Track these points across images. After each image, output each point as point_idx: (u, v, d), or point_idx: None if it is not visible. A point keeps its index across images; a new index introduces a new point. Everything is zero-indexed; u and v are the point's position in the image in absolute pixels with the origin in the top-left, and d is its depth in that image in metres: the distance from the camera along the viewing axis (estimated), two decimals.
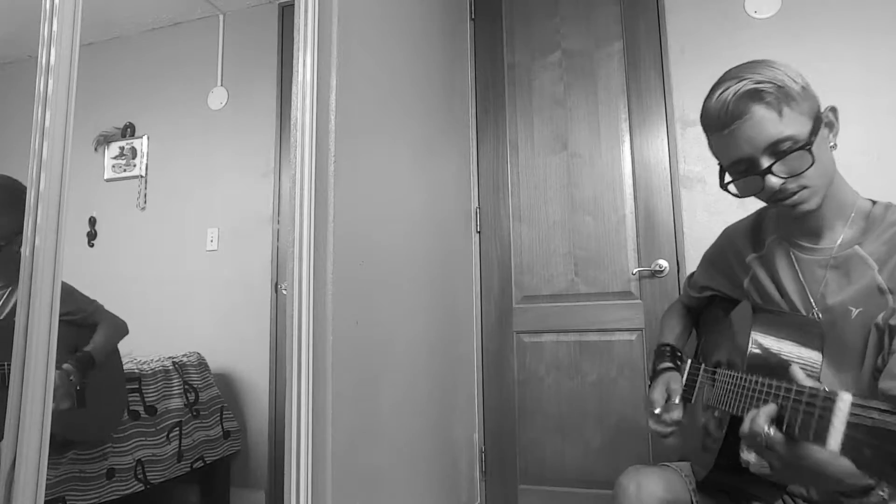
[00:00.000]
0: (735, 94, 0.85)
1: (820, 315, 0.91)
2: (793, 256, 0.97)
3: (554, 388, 2.13)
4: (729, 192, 0.94)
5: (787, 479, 0.76)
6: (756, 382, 0.77)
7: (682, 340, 1.24)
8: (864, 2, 1.92)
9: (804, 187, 0.86)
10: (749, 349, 0.87)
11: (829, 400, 0.59)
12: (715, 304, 1.19)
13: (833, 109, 0.91)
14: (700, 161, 2.04)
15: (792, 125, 0.84)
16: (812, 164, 0.83)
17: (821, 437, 0.59)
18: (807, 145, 0.83)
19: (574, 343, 2.14)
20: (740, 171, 0.89)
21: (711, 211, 2.00)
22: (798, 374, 0.71)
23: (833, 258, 0.91)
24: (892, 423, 0.52)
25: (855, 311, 0.87)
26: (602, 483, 2.02)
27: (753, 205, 1.27)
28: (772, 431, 0.68)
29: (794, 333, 0.87)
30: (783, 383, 0.70)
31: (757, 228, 1.07)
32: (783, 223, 1.00)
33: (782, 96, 0.84)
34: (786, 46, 1.98)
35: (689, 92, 2.08)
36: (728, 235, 1.14)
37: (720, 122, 0.87)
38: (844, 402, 0.57)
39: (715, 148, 0.93)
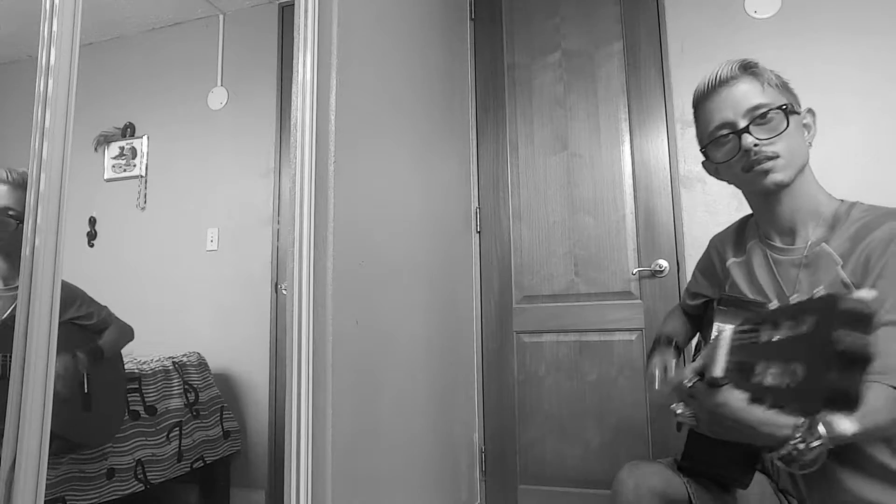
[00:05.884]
0: (727, 65, 0.96)
1: None
2: (770, 258, 1.00)
3: (554, 387, 2.13)
4: (707, 156, 1.02)
5: (711, 431, 0.82)
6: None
7: (681, 336, 1.27)
8: (864, 2, 1.92)
9: (777, 156, 0.91)
10: (711, 336, 0.94)
11: (719, 335, 0.65)
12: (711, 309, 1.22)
13: (811, 111, 0.98)
14: (700, 161, 2.04)
15: (771, 97, 0.93)
16: (787, 129, 0.90)
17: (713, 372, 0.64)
18: (783, 106, 0.91)
19: (574, 343, 2.13)
20: (722, 136, 0.96)
21: (711, 211, 2.00)
22: (720, 329, 0.78)
23: (804, 257, 0.94)
24: (754, 337, 0.55)
25: None
26: (602, 483, 2.02)
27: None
28: (693, 381, 0.78)
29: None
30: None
31: (740, 234, 1.11)
32: (763, 220, 1.03)
33: (766, 77, 0.95)
34: (786, 46, 1.98)
35: (689, 92, 2.05)
36: (714, 243, 1.19)
37: (709, 87, 0.97)
38: (727, 330, 0.62)
39: (701, 120, 1.01)
